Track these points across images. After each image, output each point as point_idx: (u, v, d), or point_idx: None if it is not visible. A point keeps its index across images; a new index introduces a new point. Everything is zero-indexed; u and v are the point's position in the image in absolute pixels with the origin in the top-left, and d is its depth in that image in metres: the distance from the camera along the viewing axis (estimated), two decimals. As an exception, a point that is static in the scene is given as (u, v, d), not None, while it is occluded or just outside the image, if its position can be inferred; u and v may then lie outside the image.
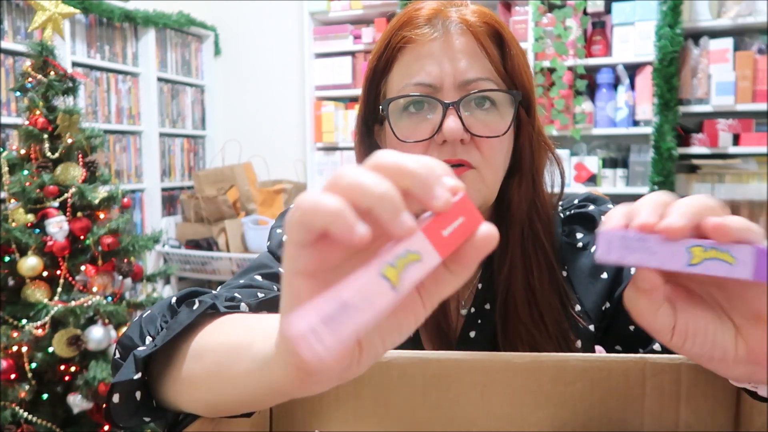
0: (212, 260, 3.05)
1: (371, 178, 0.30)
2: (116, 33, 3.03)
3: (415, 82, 0.67)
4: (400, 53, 0.68)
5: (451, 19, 0.67)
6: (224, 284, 0.66)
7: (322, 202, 0.29)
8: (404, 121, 0.68)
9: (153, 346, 0.49)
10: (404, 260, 0.30)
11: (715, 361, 0.42)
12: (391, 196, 0.30)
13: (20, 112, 2.01)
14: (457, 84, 0.66)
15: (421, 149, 0.67)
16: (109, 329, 1.93)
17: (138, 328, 0.55)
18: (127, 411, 0.50)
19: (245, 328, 0.45)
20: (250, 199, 3.15)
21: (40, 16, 1.94)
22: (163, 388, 0.50)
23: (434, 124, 0.66)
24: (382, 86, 0.71)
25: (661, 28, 2.45)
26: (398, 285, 0.30)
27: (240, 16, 3.56)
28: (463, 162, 0.66)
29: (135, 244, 2.02)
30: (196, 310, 0.50)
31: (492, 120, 0.67)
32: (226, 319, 0.49)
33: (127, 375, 0.48)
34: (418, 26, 0.68)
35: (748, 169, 2.50)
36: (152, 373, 0.50)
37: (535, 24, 2.68)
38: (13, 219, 1.86)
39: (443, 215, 0.32)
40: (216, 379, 0.43)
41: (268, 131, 3.54)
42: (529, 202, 0.72)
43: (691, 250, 0.36)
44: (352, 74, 3.12)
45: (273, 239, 0.73)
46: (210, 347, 0.46)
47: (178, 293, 0.57)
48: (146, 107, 3.18)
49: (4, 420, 1.77)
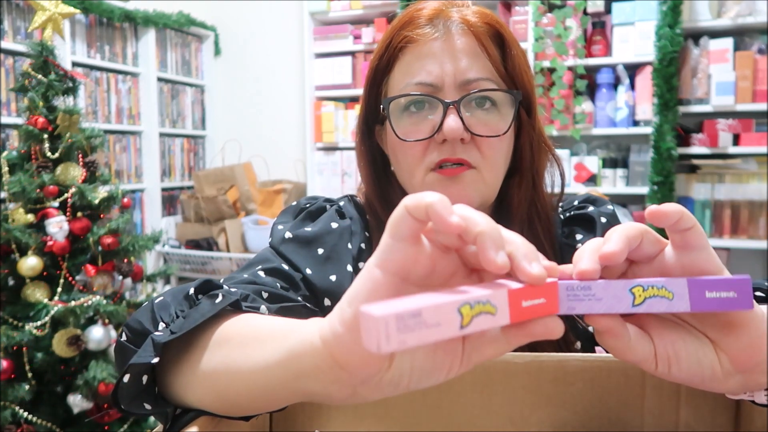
0: (212, 260, 3.05)
1: (483, 218, 0.34)
2: (116, 33, 3.03)
3: (416, 82, 0.67)
4: (401, 53, 0.69)
5: (453, 20, 0.68)
6: (227, 277, 0.66)
7: (427, 196, 0.32)
8: (405, 120, 0.68)
9: (171, 334, 0.48)
10: (481, 307, 0.32)
11: (707, 380, 0.41)
12: (498, 233, 0.34)
13: (20, 112, 2.01)
14: (458, 83, 0.66)
15: (421, 148, 0.68)
16: (109, 329, 1.93)
17: (149, 313, 0.54)
18: (132, 393, 0.49)
19: (271, 321, 0.45)
20: (250, 199, 3.15)
21: (40, 16, 1.94)
22: (171, 377, 0.49)
23: (435, 123, 0.66)
24: (384, 86, 0.72)
25: (661, 28, 2.45)
26: (466, 325, 0.32)
27: (240, 16, 3.56)
28: (462, 161, 0.67)
29: (135, 244, 2.02)
30: (220, 303, 0.50)
31: (492, 120, 0.67)
32: (249, 315, 0.49)
33: (145, 358, 0.47)
34: (419, 26, 0.68)
35: (748, 169, 2.50)
36: (162, 360, 0.49)
37: (535, 24, 2.68)
38: (13, 219, 1.86)
39: (531, 289, 0.34)
40: (236, 366, 0.43)
41: (268, 131, 3.54)
42: (529, 203, 0.73)
43: (633, 291, 0.38)
44: (352, 74, 3.12)
45: (275, 235, 0.73)
46: (236, 332, 0.46)
47: (194, 283, 0.56)
48: (146, 107, 3.18)
49: (4, 420, 1.77)
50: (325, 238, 0.72)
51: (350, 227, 0.73)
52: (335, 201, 0.78)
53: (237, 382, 0.43)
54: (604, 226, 0.74)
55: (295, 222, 0.74)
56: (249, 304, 0.53)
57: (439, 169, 0.67)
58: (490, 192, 0.69)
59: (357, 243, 0.72)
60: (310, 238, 0.71)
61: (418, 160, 0.68)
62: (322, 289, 0.68)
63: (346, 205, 0.77)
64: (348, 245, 0.72)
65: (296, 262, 0.69)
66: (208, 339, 0.47)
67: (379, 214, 0.74)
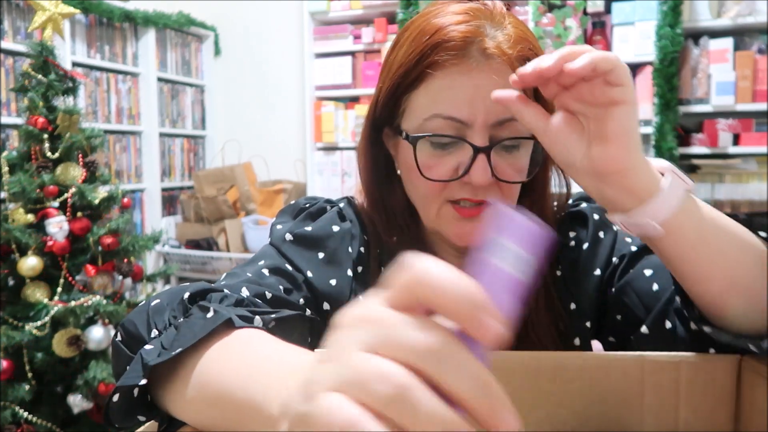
0: (212, 260, 3.05)
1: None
2: (116, 33, 3.03)
3: (446, 115, 0.63)
4: (431, 77, 0.64)
5: (488, 49, 0.63)
6: (230, 273, 0.65)
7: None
8: (427, 151, 0.65)
9: (160, 351, 0.48)
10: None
11: (569, 167, 0.55)
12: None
13: (20, 112, 2.01)
14: (489, 124, 0.63)
15: (440, 184, 0.66)
16: (109, 329, 1.93)
17: (145, 316, 0.53)
18: (124, 410, 0.49)
19: (255, 370, 0.42)
20: (250, 199, 3.15)
21: (40, 16, 1.94)
22: (161, 392, 0.49)
23: (460, 164, 0.64)
24: (404, 101, 0.68)
25: (661, 28, 2.45)
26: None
27: (240, 16, 3.56)
28: (483, 202, 0.65)
29: (135, 244, 2.02)
30: (210, 321, 0.49)
31: (518, 162, 0.66)
32: (237, 341, 0.48)
33: (133, 380, 0.47)
34: (452, 51, 0.63)
35: (748, 169, 2.50)
36: (152, 377, 0.49)
37: (535, 24, 2.68)
38: (13, 219, 1.86)
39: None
40: (219, 420, 0.44)
41: (268, 131, 3.54)
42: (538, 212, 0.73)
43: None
44: (352, 74, 3.12)
45: (275, 234, 0.72)
46: (215, 385, 0.44)
47: (191, 287, 0.55)
48: (146, 107, 3.18)
49: (4, 420, 1.77)
50: (326, 241, 0.71)
51: (350, 230, 0.73)
52: (335, 202, 0.78)
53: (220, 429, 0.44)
54: (596, 222, 0.74)
55: (295, 222, 0.74)
56: (242, 314, 0.52)
57: (456, 205, 0.66)
58: None
59: (357, 247, 0.72)
60: (312, 240, 0.71)
61: (437, 192, 0.66)
62: (322, 293, 0.68)
63: (345, 208, 0.76)
64: (348, 249, 0.71)
65: (298, 263, 0.69)
66: (194, 362, 0.47)
67: (377, 219, 0.73)
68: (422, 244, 0.73)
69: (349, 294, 0.69)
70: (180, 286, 0.57)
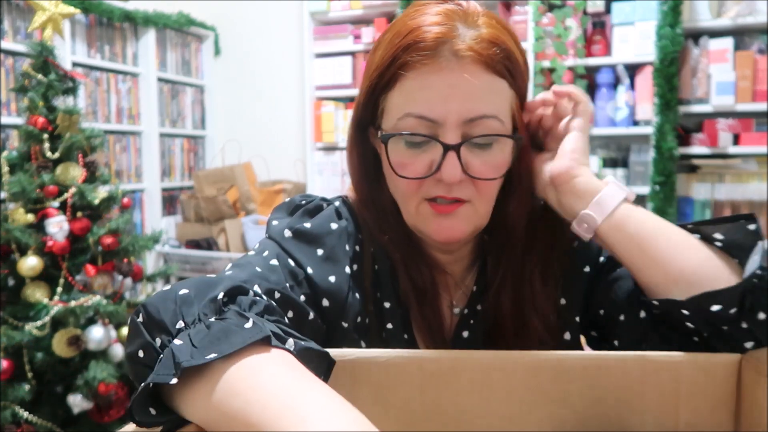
0: (212, 260, 3.05)
1: None
2: (116, 33, 3.03)
3: (418, 114, 0.64)
4: (404, 75, 0.65)
5: (460, 49, 0.63)
6: (237, 263, 0.65)
7: None
8: (401, 152, 0.67)
9: (191, 350, 0.47)
10: None
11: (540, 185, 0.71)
12: None
13: (20, 112, 2.02)
14: (461, 122, 0.64)
15: (416, 181, 0.67)
16: (109, 329, 1.93)
17: (171, 305, 0.52)
18: (141, 400, 0.48)
19: (290, 411, 0.42)
20: (250, 199, 3.15)
21: (40, 16, 1.94)
22: (176, 387, 0.48)
23: (432, 161, 0.65)
24: (381, 101, 0.69)
25: (661, 28, 2.45)
26: None
27: (240, 16, 3.56)
28: (457, 199, 0.66)
29: (135, 244, 2.02)
30: (248, 333, 0.48)
31: (492, 159, 0.66)
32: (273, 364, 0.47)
33: (164, 378, 0.46)
34: (424, 51, 0.64)
35: (748, 169, 2.50)
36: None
37: (535, 24, 2.68)
38: (13, 219, 1.86)
39: None
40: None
41: (268, 131, 3.54)
42: (529, 213, 0.73)
43: None
44: (352, 74, 3.12)
45: (273, 229, 0.72)
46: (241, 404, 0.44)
47: (223, 285, 0.55)
48: (146, 107, 3.18)
49: (4, 420, 1.77)
50: (325, 238, 0.71)
51: (347, 228, 0.73)
52: (331, 201, 0.78)
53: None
54: None
55: (293, 218, 0.73)
56: (276, 332, 0.51)
57: (433, 203, 0.67)
58: (482, 221, 0.70)
59: (353, 245, 0.72)
60: (312, 237, 0.71)
61: (413, 191, 0.68)
62: (322, 290, 0.68)
63: (341, 206, 0.76)
64: (346, 247, 0.72)
65: (299, 258, 0.69)
66: (224, 369, 0.46)
67: (368, 217, 0.74)
68: (412, 242, 0.74)
69: (348, 291, 0.69)
70: (207, 278, 0.56)
